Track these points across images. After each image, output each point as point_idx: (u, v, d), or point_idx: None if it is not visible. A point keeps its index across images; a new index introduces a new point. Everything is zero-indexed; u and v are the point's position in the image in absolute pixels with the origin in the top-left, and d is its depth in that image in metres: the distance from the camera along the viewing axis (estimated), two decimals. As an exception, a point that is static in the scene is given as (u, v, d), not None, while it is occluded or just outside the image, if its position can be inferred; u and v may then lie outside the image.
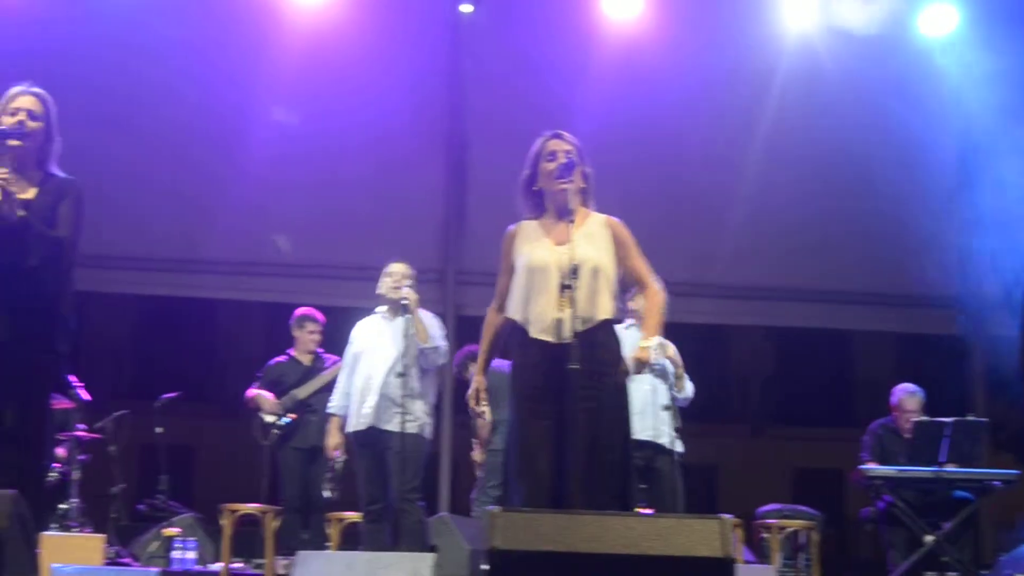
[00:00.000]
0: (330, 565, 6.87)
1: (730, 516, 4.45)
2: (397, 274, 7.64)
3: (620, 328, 5.70)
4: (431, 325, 7.58)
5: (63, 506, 8.92)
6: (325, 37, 10.51)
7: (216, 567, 8.45)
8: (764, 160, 10.73)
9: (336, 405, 7.78)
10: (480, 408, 5.66)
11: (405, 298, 7.42)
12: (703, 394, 8.02)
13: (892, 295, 11.42)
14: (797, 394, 24.47)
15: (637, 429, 6.06)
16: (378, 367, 7.47)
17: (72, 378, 9.13)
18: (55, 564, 6.80)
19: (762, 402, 25.29)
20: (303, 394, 9.05)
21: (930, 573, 8.73)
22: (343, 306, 10.32)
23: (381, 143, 10.76)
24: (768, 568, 7.98)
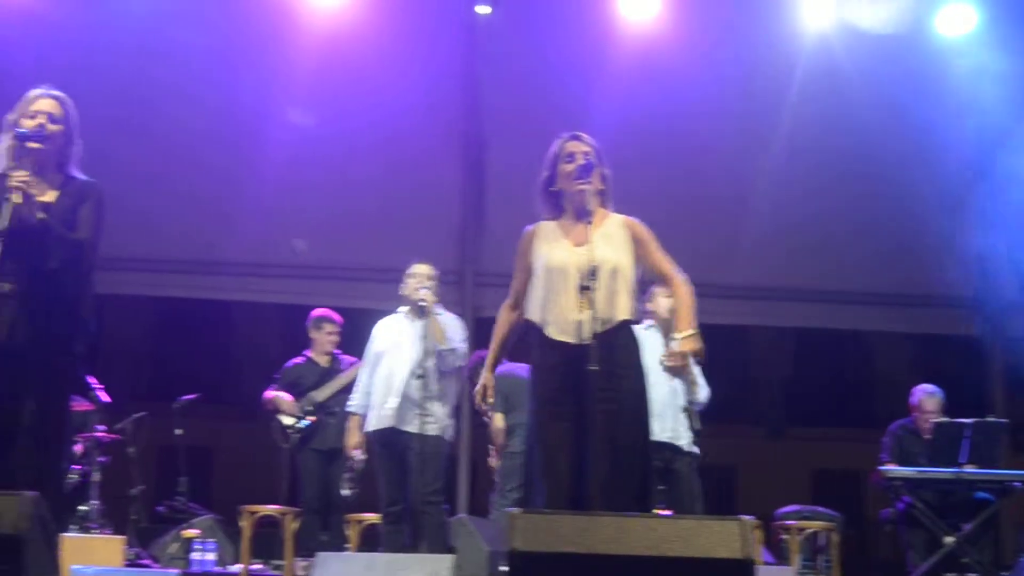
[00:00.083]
0: (349, 566, 6.87)
1: (750, 517, 4.44)
2: (420, 275, 7.64)
3: (639, 329, 5.69)
4: (450, 327, 7.57)
5: (83, 508, 8.94)
6: (341, 39, 10.51)
7: (235, 568, 8.47)
8: (782, 160, 10.70)
9: (357, 404, 7.78)
10: (486, 406, 5.67)
11: (423, 300, 7.42)
12: (721, 395, 8.00)
13: (911, 295, 11.39)
14: (816, 395, 24.44)
15: (656, 431, 6.05)
16: (399, 368, 7.47)
17: (91, 380, 9.16)
18: (75, 566, 6.82)
19: (781, 403, 25.25)
20: (322, 396, 9.05)
21: (950, 574, 8.70)
22: (360, 308, 10.34)
23: (398, 144, 10.76)
24: (787, 569, 7.97)
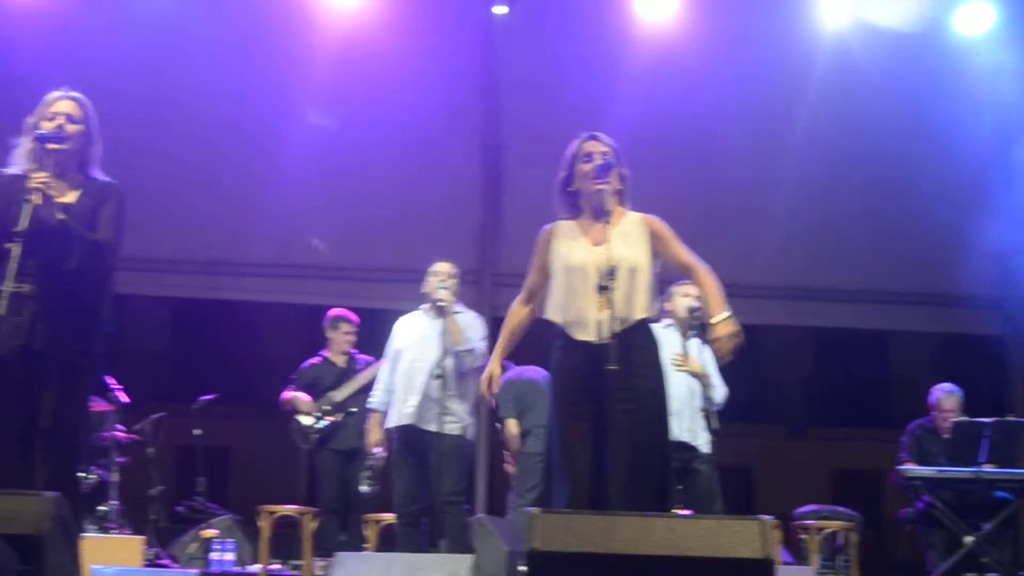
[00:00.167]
0: (368, 566, 6.88)
1: (769, 517, 4.43)
2: (442, 273, 7.64)
3: (658, 328, 5.69)
4: (470, 326, 7.56)
5: (102, 508, 8.97)
6: (360, 41, 10.52)
7: (254, 568, 8.48)
8: (800, 160, 10.67)
9: (378, 401, 7.78)
10: (490, 395, 5.69)
11: (441, 300, 7.42)
12: (740, 395, 7.99)
13: (930, 295, 11.33)
14: (835, 395, 24.39)
15: (674, 430, 6.04)
16: (420, 367, 7.46)
17: (110, 380, 9.19)
18: (95, 566, 6.83)
19: (799, 403, 25.20)
20: (340, 396, 9.05)
21: (969, 574, 8.67)
22: (378, 308, 10.35)
23: (416, 145, 10.77)
24: (806, 569, 7.94)
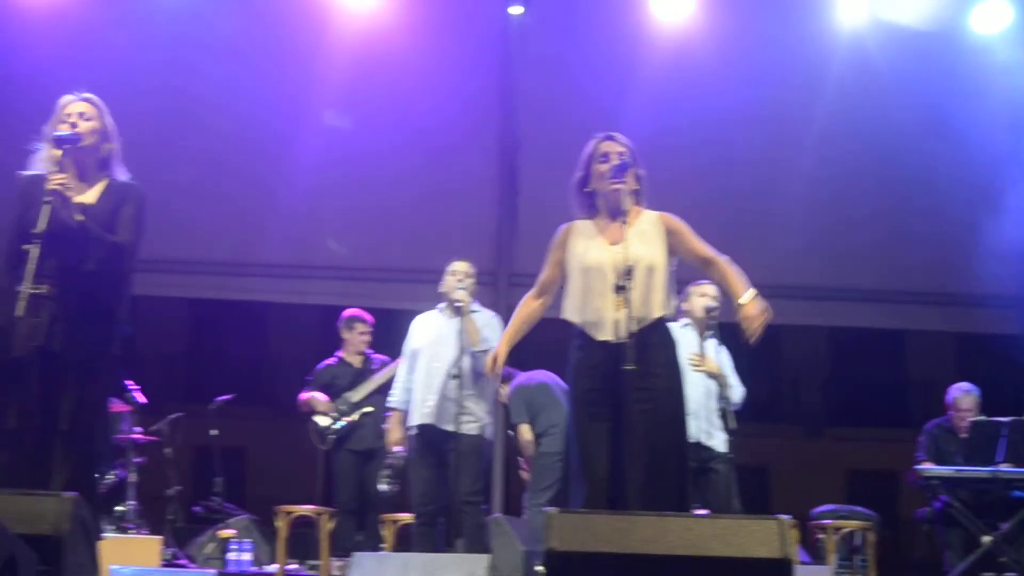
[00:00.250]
0: (385, 566, 6.89)
1: (787, 517, 4.43)
2: (460, 272, 7.64)
3: (675, 327, 5.69)
4: (487, 325, 7.56)
5: (120, 508, 8.99)
6: (376, 43, 10.52)
7: (271, 569, 8.49)
8: (817, 159, 10.65)
9: (397, 400, 7.79)
10: (492, 375, 5.73)
11: (459, 300, 7.42)
12: (757, 395, 7.98)
13: (947, 294, 11.29)
14: (851, 394, 24.33)
15: (691, 430, 6.04)
16: (437, 367, 7.47)
17: (128, 381, 9.21)
18: (113, 566, 6.85)
19: (816, 402, 25.15)
20: (356, 397, 9.06)
21: (987, 574, 8.64)
22: (394, 308, 10.36)
23: (432, 146, 10.77)
24: (824, 569, 7.93)
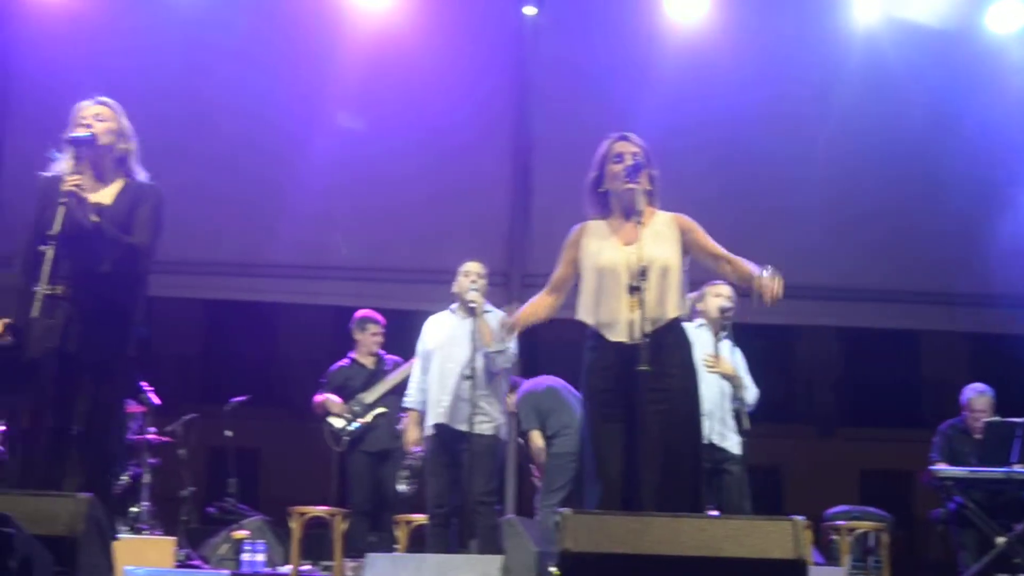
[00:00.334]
0: (399, 567, 6.89)
1: (801, 518, 4.42)
2: (473, 273, 7.63)
3: (690, 327, 5.68)
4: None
5: (134, 509, 9.01)
6: (387, 42, 10.53)
7: (285, 570, 8.50)
8: (831, 159, 10.63)
9: (413, 400, 7.79)
10: (506, 332, 5.73)
11: (472, 301, 7.42)
12: (770, 395, 7.96)
13: (961, 294, 11.25)
14: (864, 395, 24.29)
15: (704, 431, 6.03)
16: (451, 368, 7.47)
17: (142, 382, 9.22)
18: (127, 566, 6.87)
19: (829, 403, 25.12)
20: (370, 398, 9.06)
21: (1002, 575, 8.63)
22: (407, 309, 10.36)
23: (445, 146, 10.77)
24: (838, 570, 7.92)
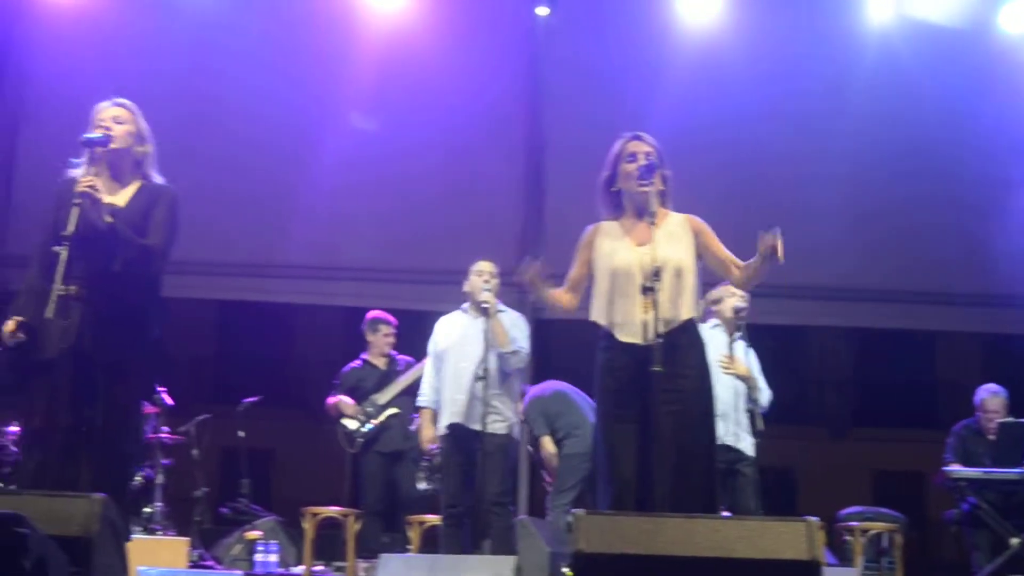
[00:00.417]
0: (412, 568, 6.89)
1: (815, 519, 4.42)
2: (486, 273, 7.62)
3: (704, 328, 5.67)
4: (515, 326, 7.54)
5: (147, 509, 9.02)
6: (400, 43, 10.56)
7: (298, 570, 8.51)
8: (844, 158, 10.62)
9: (427, 399, 7.78)
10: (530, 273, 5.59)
11: (485, 302, 7.41)
12: (781, 396, 7.95)
13: (975, 294, 11.23)
14: (877, 395, 24.24)
15: (719, 432, 6.02)
16: (466, 367, 7.45)
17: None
18: (140, 567, 6.88)
19: (841, 404, 25.07)
20: (383, 399, 9.07)
21: (1016, 576, 8.63)
22: (420, 310, 10.35)
23: (458, 146, 10.78)
24: (851, 571, 7.90)
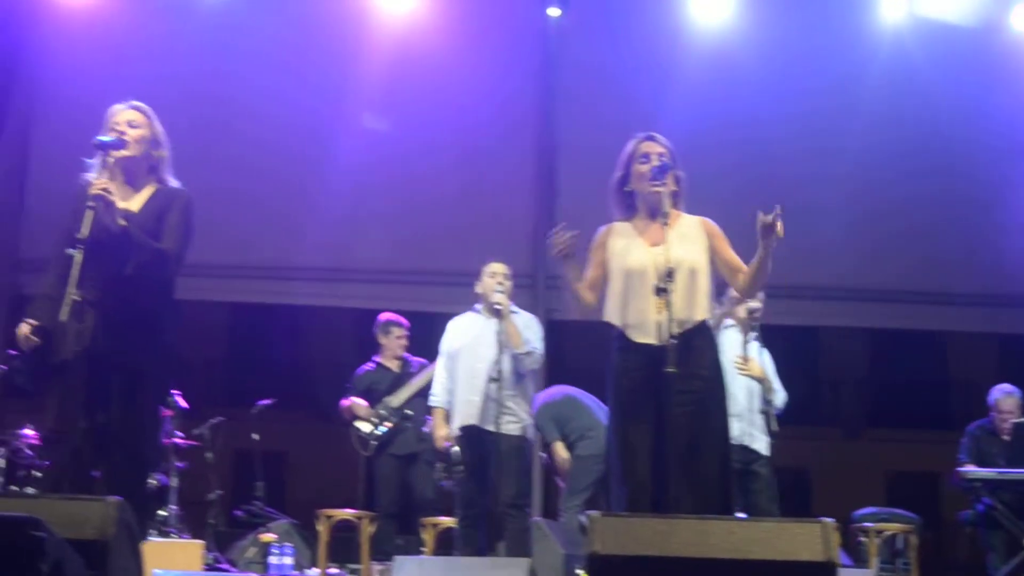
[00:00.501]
0: (426, 570, 6.89)
1: (831, 520, 4.41)
2: (499, 274, 7.60)
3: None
4: (528, 327, 7.53)
5: (162, 513, 9.04)
6: (412, 44, 10.59)
7: (312, 573, 8.52)
8: (856, 159, 10.62)
9: (439, 399, 7.76)
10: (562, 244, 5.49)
11: (499, 303, 7.40)
12: (795, 397, 7.94)
13: (988, 295, 11.22)
14: (891, 396, 24.21)
15: (734, 432, 6.02)
16: (480, 368, 7.43)
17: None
18: (156, 570, 6.89)
19: (855, 404, 25.06)
20: (396, 401, 9.06)
21: (1031, 577, 8.61)
22: (432, 311, 10.36)
23: (470, 148, 10.80)
24: (866, 572, 7.90)
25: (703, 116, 10.07)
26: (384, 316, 9.45)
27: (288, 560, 8.64)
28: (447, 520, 8.16)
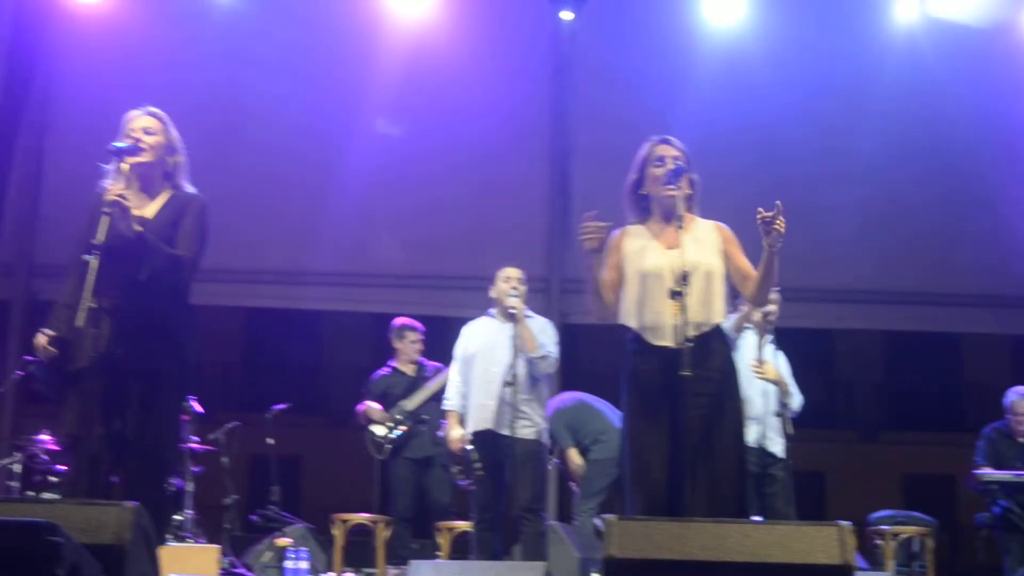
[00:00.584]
0: (442, 574, 6.89)
1: (847, 523, 4.40)
2: (513, 279, 7.59)
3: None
4: (543, 331, 7.52)
5: (178, 517, 9.05)
6: (425, 49, 10.60)
7: (328, 577, 8.54)
8: (870, 163, 10.61)
9: (453, 403, 7.75)
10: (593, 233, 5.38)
11: (513, 308, 7.40)
12: (810, 400, 7.93)
13: (1003, 296, 11.20)
14: (906, 398, 24.17)
15: (751, 435, 6.01)
16: (495, 372, 7.43)
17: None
18: (172, 575, 6.90)
19: (871, 407, 25.01)
20: (411, 405, 9.06)
21: (1047, 580, 8.58)
22: (446, 315, 10.37)
23: (484, 152, 10.81)
24: (882, 575, 7.88)
25: (716, 119, 10.07)
26: (399, 320, 9.45)
27: (304, 564, 8.64)
28: (462, 524, 8.16)
